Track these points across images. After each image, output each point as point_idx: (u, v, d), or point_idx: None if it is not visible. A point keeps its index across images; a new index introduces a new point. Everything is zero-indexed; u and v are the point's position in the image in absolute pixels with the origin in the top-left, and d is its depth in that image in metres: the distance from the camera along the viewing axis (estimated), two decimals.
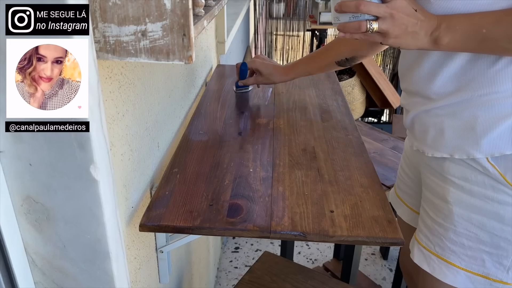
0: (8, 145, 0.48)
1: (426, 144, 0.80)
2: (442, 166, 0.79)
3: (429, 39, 0.65)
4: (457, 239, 0.79)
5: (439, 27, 0.64)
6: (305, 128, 1.03)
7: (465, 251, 0.79)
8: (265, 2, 4.27)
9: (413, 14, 0.64)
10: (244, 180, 0.80)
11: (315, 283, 1.03)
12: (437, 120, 0.77)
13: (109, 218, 0.53)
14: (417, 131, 0.82)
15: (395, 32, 0.64)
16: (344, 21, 0.66)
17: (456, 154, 0.75)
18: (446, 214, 0.79)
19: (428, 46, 0.66)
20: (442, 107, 0.75)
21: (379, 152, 1.63)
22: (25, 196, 0.51)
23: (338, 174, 0.83)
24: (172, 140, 1.01)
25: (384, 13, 0.63)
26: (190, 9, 0.47)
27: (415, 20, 0.64)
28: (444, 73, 0.73)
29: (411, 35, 0.65)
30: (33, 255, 0.55)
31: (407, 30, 0.64)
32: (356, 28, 0.64)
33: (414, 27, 0.64)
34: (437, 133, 0.77)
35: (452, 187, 0.78)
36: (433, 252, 0.83)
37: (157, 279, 0.92)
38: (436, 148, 0.78)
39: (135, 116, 0.73)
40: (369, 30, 0.64)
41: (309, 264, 2.01)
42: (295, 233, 0.68)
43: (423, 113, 0.79)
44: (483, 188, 0.74)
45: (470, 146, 0.73)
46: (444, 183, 0.79)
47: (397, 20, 0.63)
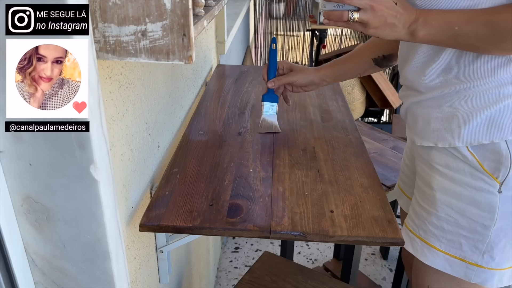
0: (8, 145, 0.48)
1: (416, 133, 0.85)
2: (429, 154, 0.83)
3: (407, 31, 0.71)
4: (438, 223, 0.83)
5: (417, 21, 0.70)
6: (305, 128, 1.03)
7: (444, 235, 0.82)
8: (265, 2, 4.27)
9: (392, 7, 0.69)
10: (244, 180, 0.80)
11: (315, 283, 1.03)
12: (425, 111, 0.81)
13: (109, 218, 0.53)
14: (410, 121, 0.87)
15: (375, 23, 0.70)
16: (329, 9, 0.72)
17: (440, 143, 0.79)
18: (430, 200, 0.84)
19: (405, 37, 0.72)
20: (430, 99, 0.80)
21: (379, 152, 1.63)
22: (25, 196, 0.51)
23: (338, 174, 0.83)
24: (172, 140, 1.01)
25: (365, 5, 0.69)
26: (190, 9, 0.47)
27: (394, 12, 0.69)
28: (432, 68, 0.77)
29: (390, 27, 0.70)
30: (33, 255, 0.55)
31: (386, 21, 0.69)
32: (338, 16, 0.70)
33: (393, 19, 0.69)
34: (424, 123, 0.82)
35: (437, 175, 0.82)
36: (417, 235, 0.87)
37: (157, 279, 0.92)
38: (423, 137, 0.83)
39: (135, 116, 0.73)
40: (350, 20, 0.70)
41: (309, 264, 2.01)
42: (295, 233, 0.68)
43: (414, 105, 0.84)
44: (463, 175, 0.78)
45: (451, 135, 0.77)
46: (430, 171, 0.83)
47: (377, 12, 0.69)
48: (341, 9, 0.70)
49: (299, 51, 4.78)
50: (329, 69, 1.02)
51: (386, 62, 1.00)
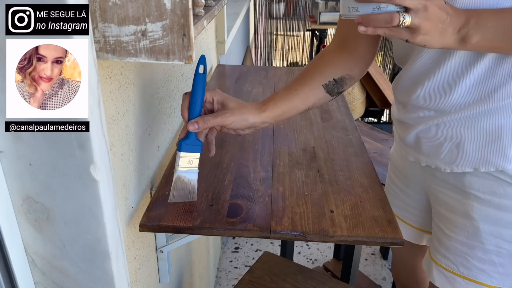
0: (8, 145, 0.48)
1: (441, 159, 0.74)
2: (462, 180, 0.74)
3: (457, 37, 0.58)
4: (486, 257, 0.74)
5: (468, 24, 0.57)
6: (305, 128, 1.03)
7: (496, 269, 0.74)
8: (265, 2, 4.27)
9: (444, 8, 0.56)
10: (244, 180, 0.80)
11: (315, 283, 1.03)
12: (453, 132, 0.71)
13: (109, 218, 0.53)
14: (426, 147, 0.76)
15: (426, 28, 0.55)
16: (366, 12, 0.55)
17: (482, 167, 0.70)
18: (470, 232, 0.75)
19: (454, 44, 0.59)
20: (458, 119, 0.69)
21: (379, 152, 1.63)
22: (25, 196, 0.51)
23: (338, 174, 0.83)
24: (172, 140, 1.01)
25: (418, 4, 0.53)
26: (190, 9, 0.47)
27: (446, 14, 0.56)
28: (462, 84, 0.66)
29: (440, 32, 0.56)
30: (33, 255, 0.55)
31: (437, 26, 0.55)
32: (386, 21, 0.53)
33: (444, 23, 0.56)
34: (453, 146, 0.72)
35: (476, 203, 0.73)
36: (457, 273, 0.78)
37: (157, 279, 0.92)
38: (454, 163, 0.73)
39: (135, 116, 0.73)
40: (401, 24, 0.53)
41: (309, 264, 2.01)
42: (295, 233, 0.68)
43: (433, 127, 0.73)
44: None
45: (496, 157, 0.68)
46: (465, 199, 0.74)
47: (431, 14, 0.54)
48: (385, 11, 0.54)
49: (299, 51, 4.78)
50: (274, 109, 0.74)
51: (337, 88, 0.78)
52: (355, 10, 0.56)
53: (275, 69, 1.55)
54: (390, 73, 3.78)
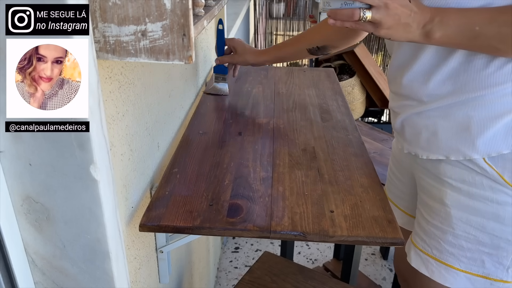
0: (8, 145, 0.48)
1: (419, 146, 0.79)
2: (438, 168, 0.78)
3: (421, 31, 0.64)
4: (456, 242, 0.78)
5: (432, 21, 0.63)
6: (305, 128, 1.03)
7: (464, 253, 0.78)
8: (265, 2, 4.27)
9: (407, 5, 0.62)
10: (244, 180, 0.80)
11: (315, 283, 1.03)
12: (430, 122, 0.76)
13: (109, 218, 0.53)
14: (408, 134, 0.81)
15: (388, 23, 0.62)
16: (335, 7, 0.63)
17: (452, 155, 0.74)
18: (443, 217, 0.78)
19: (419, 39, 0.65)
20: (435, 109, 0.74)
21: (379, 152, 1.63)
22: (25, 196, 0.51)
23: (338, 174, 0.83)
24: (172, 140, 1.01)
25: (379, 2, 0.61)
26: (190, 9, 0.47)
27: (409, 11, 0.62)
28: (437, 75, 0.71)
29: (403, 27, 0.63)
30: (33, 255, 0.55)
31: (400, 21, 0.62)
32: (348, 15, 0.62)
33: (407, 19, 0.62)
34: (430, 135, 0.76)
35: (449, 190, 0.77)
36: (431, 255, 0.82)
37: (157, 279, 0.92)
38: (430, 150, 0.77)
39: (135, 116, 0.73)
40: (362, 19, 0.62)
41: (309, 264, 2.01)
42: (295, 233, 0.68)
43: (414, 116, 0.78)
44: (481, 189, 0.73)
45: (465, 146, 0.72)
46: (440, 185, 0.78)
47: (391, 11, 0.62)
48: (350, 7, 0.62)
49: None
50: (266, 56, 1.11)
51: (321, 52, 1.01)
52: (328, 5, 0.64)
53: (275, 69, 1.55)
54: None
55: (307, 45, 1.02)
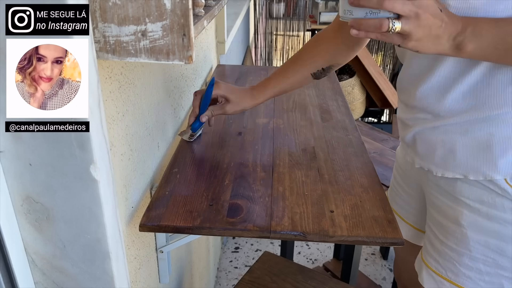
0: (8, 145, 0.48)
1: (434, 162, 0.74)
2: (454, 186, 0.74)
3: (452, 44, 0.58)
4: (473, 265, 0.74)
5: (464, 32, 0.57)
6: (305, 128, 1.03)
7: (482, 277, 0.74)
8: (265, 2, 4.27)
9: (438, 15, 0.55)
10: (244, 180, 0.80)
11: (315, 283, 1.03)
12: (446, 137, 0.71)
13: (109, 218, 0.53)
14: (421, 149, 0.76)
15: (418, 35, 0.55)
16: (359, 16, 0.56)
17: (471, 174, 0.70)
18: (459, 238, 0.74)
19: (449, 51, 0.59)
20: (453, 124, 0.69)
21: (379, 152, 1.63)
22: (25, 196, 0.51)
23: (338, 174, 0.83)
24: (172, 140, 1.01)
25: (410, 11, 0.53)
26: (190, 9, 0.47)
27: (440, 22, 0.55)
28: (456, 89, 0.66)
29: (433, 39, 0.56)
30: (33, 255, 0.55)
31: (430, 32, 0.56)
32: (376, 26, 0.54)
33: (438, 30, 0.56)
34: (446, 151, 0.71)
35: (466, 210, 0.72)
36: (445, 278, 0.78)
37: (157, 279, 0.92)
38: (446, 167, 0.73)
39: (135, 116, 0.73)
40: (390, 30, 0.54)
41: (309, 264, 2.01)
42: (295, 233, 0.68)
43: (429, 130, 0.73)
44: (501, 211, 0.69)
45: (486, 166, 0.68)
46: (456, 205, 0.74)
47: (422, 21, 0.54)
48: (376, 16, 0.55)
49: None
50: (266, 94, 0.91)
51: (325, 73, 0.88)
52: (349, 13, 0.57)
53: (275, 69, 1.55)
54: (390, 73, 3.78)
55: (312, 69, 0.87)
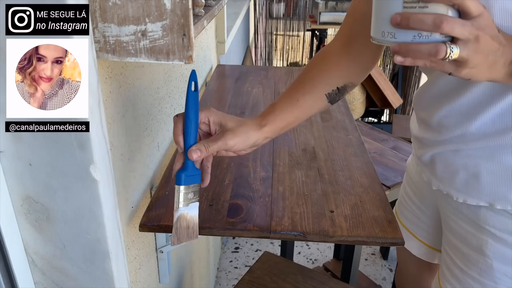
0: (8, 145, 0.48)
1: (455, 187, 0.69)
2: (477, 214, 0.69)
3: (508, 70, 0.49)
4: None
5: None
6: (305, 128, 1.03)
7: None
8: (265, 2, 4.27)
9: (497, 37, 0.46)
10: (244, 180, 0.80)
11: (315, 283, 1.03)
12: (470, 162, 0.65)
13: (109, 218, 0.53)
14: (440, 171, 0.71)
15: (475, 61, 0.45)
16: (405, 40, 0.45)
17: (497, 203, 0.65)
18: (482, 269, 0.70)
19: (504, 78, 0.50)
20: (479, 148, 0.64)
21: (379, 152, 1.63)
22: (25, 196, 0.51)
23: (338, 174, 0.83)
24: (172, 140, 1.01)
25: (470, 35, 0.43)
26: (190, 9, 0.47)
27: (498, 45, 0.46)
28: (487, 112, 0.60)
29: (489, 65, 0.47)
30: (33, 255, 0.55)
31: (487, 58, 0.46)
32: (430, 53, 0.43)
33: (495, 55, 0.46)
34: (470, 177, 0.66)
35: (491, 239, 0.68)
36: None
37: (157, 279, 0.92)
38: (468, 193, 0.68)
39: (135, 116, 0.73)
40: (448, 58, 0.44)
41: (309, 264, 2.01)
42: (295, 233, 0.68)
43: (451, 153, 0.67)
44: None
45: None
46: (479, 233, 0.69)
47: (482, 45, 0.44)
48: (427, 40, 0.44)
49: (299, 51, 4.78)
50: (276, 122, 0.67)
51: (339, 97, 0.72)
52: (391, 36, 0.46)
53: (275, 69, 1.55)
54: (390, 73, 3.78)
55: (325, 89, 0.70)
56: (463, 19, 0.44)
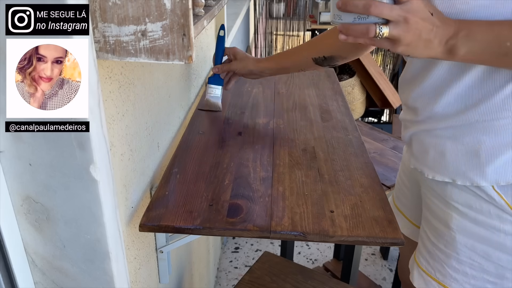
0: (8, 145, 0.48)
1: (426, 165, 0.76)
2: (445, 190, 0.74)
3: (444, 48, 0.57)
4: (460, 267, 0.75)
5: (457, 35, 0.56)
6: (305, 128, 1.03)
7: (468, 280, 0.75)
8: (265, 2, 4.27)
9: (429, 19, 0.54)
10: (244, 180, 0.80)
11: (315, 283, 1.03)
12: (438, 141, 0.72)
13: (109, 218, 0.53)
14: (416, 150, 0.78)
15: (407, 39, 0.55)
16: (347, 21, 0.56)
17: (459, 179, 0.71)
18: (448, 241, 0.76)
19: (442, 56, 0.58)
20: (444, 128, 0.70)
21: (379, 152, 1.63)
22: (25, 196, 0.51)
23: (338, 174, 0.83)
24: (172, 140, 1.01)
25: (398, 16, 0.53)
26: (190, 9, 0.47)
27: (431, 26, 0.55)
28: (448, 93, 0.66)
29: (424, 43, 0.56)
30: (33, 255, 0.55)
31: (420, 37, 0.55)
32: (363, 32, 0.55)
33: (429, 34, 0.55)
34: (437, 155, 0.73)
35: (455, 214, 0.73)
36: (433, 278, 0.80)
37: (157, 279, 0.92)
38: (436, 170, 0.74)
39: (135, 116, 0.73)
40: (378, 36, 0.54)
41: (309, 264, 2.01)
42: (295, 233, 0.68)
43: (423, 133, 0.74)
44: (488, 217, 0.70)
45: (473, 172, 0.68)
46: (446, 208, 0.75)
47: (411, 26, 0.54)
48: (364, 22, 0.54)
49: None
50: (268, 63, 1.01)
51: (328, 62, 0.92)
52: (338, 18, 0.57)
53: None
54: (390, 73, 3.78)
55: (314, 54, 0.93)
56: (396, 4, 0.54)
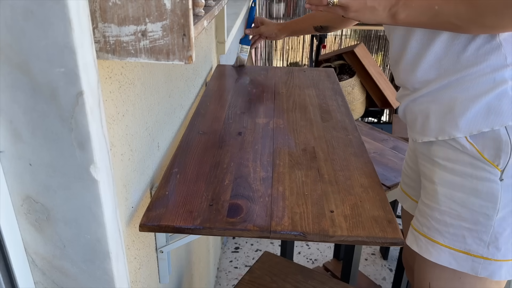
0: (8, 145, 0.48)
1: (416, 131, 0.85)
2: (430, 149, 0.83)
3: (387, 14, 0.73)
4: (441, 218, 0.81)
5: (397, 4, 0.72)
6: (305, 128, 1.03)
7: (447, 229, 0.81)
8: (265, 2, 4.27)
9: None
10: (244, 180, 0.80)
11: (315, 283, 1.03)
12: (423, 107, 0.82)
13: (109, 218, 0.53)
14: (409, 121, 0.87)
15: (354, 7, 0.73)
16: None
17: (440, 136, 0.79)
18: (432, 195, 0.83)
19: (386, 20, 0.74)
20: (426, 94, 0.81)
21: (379, 152, 1.63)
22: (25, 196, 0.51)
23: (338, 174, 0.83)
24: (172, 140, 1.01)
25: None
26: (190, 9, 0.47)
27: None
28: (423, 62, 0.78)
29: (370, 10, 0.73)
30: (33, 255, 0.55)
31: (366, 5, 0.73)
32: (318, 1, 0.75)
33: (373, 3, 0.72)
34: (423, 119, 0.82)
35: (438, 168, 0.81)
36: (420, 232, 0.86)
37: (157, 279, 0.92)
38: (423, 133, 0.83)
39: (135, 116, 0.73)
40: (330, 3, 0.74)
41: (309, 264, 2.01)
42: (295, 233, 0.68)
43: (411, 103, 0.85)
44: (463, 166, 0.77)
45: (450, 127, 0.77)
46: (432, 166, 0.83)
47: None
48: None
49: (299, 51, 4.77)
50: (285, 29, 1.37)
51: (324, 30, 1.25)
52: None
53: (275, 69, 1.55)
54: (390, 73, 3.78)
55: (314, 23, 1.24)
56: None
